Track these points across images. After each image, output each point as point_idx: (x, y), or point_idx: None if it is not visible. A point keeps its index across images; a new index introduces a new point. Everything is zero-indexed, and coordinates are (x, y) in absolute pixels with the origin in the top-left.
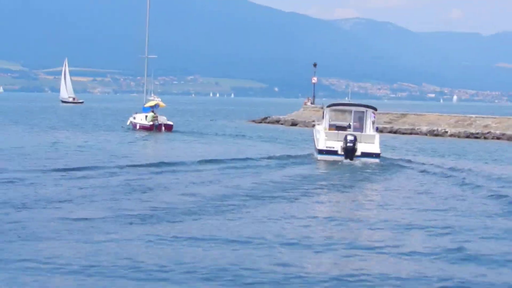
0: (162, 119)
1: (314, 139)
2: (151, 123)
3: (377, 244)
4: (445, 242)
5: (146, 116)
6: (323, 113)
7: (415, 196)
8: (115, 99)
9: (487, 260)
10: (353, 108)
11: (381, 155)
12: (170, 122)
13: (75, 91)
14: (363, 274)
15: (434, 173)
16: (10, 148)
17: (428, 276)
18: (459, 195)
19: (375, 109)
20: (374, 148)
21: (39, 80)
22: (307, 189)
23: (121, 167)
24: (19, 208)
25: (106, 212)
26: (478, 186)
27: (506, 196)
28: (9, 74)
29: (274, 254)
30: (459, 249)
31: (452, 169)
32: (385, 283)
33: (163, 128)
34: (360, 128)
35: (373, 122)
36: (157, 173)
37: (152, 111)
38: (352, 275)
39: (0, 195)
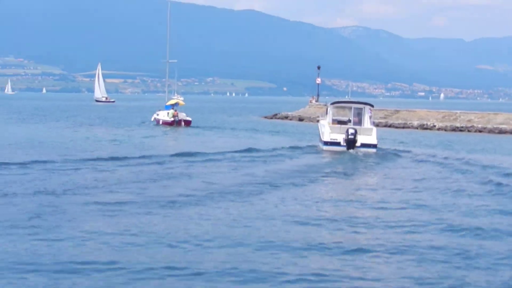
0: (182, 116)
1: (319, 132)
2: (172, 119)
3: (374, 220)
4: (433, 217)
5: (168, 113)
6: (327, 109)
7: (409, 180)
8: (143, 98)
9: (469, 231)
10: (353, 105)
11: (377, 145)
12: (188, 118)
13: (108, 91)
14: (362, 243)
15: (425, 161)
16: (51, 141)
17: (417, 245)
18: (448, 179)
19: (372, 105)
20: (372, 139)
21: (77, 82)
22: (315, 176)
23: (148, 157)
24: (58, 194)
25: (136, 196)
26: (464, 171)
27: (489, 179)
28: (51, 77)
29: (288, 230)
30: (445, 223)
31: (441, 157)
32: (380, 250)
33: (182, 123)
34: (359, 123)
35: (370, 117)
36: (179, 162)
37: (173, 109)
38: (352, 244)
39: (42, 183)
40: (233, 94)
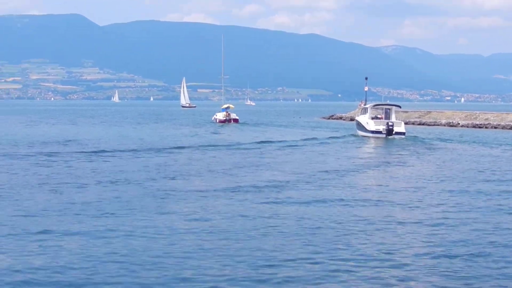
0: (233, 116)
1: (361, 124)
2: (225, 118)
3: (402, 193)
4: (448, 194)
5: (223, 114)
6: (367, 109)
7: (426, 157)
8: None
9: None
10: (384, 107)
11: (405, 133)
12: (237, 117)
13: (199, 99)
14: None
15: (447, 148)
16: (153, 138)
17: (437, 215)
18: (462, 160)
19: (399, 106)
20: (402, 129)
21: (175, 92)
22: (363, 164)
23: (215, 146)
24: (148, 178)
25: (222, 183)
26: (477, 156)
27: (500, 167)
28: (155, 88)
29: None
30: (455, 191)
31: (464, 146)
32: (410, 222)
33: (232, 121)
34: (387, 118)
35: (396, 115)
36: (244, 149)
37: (226, 111)
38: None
39: (131, 166)
40: (299, 100)
